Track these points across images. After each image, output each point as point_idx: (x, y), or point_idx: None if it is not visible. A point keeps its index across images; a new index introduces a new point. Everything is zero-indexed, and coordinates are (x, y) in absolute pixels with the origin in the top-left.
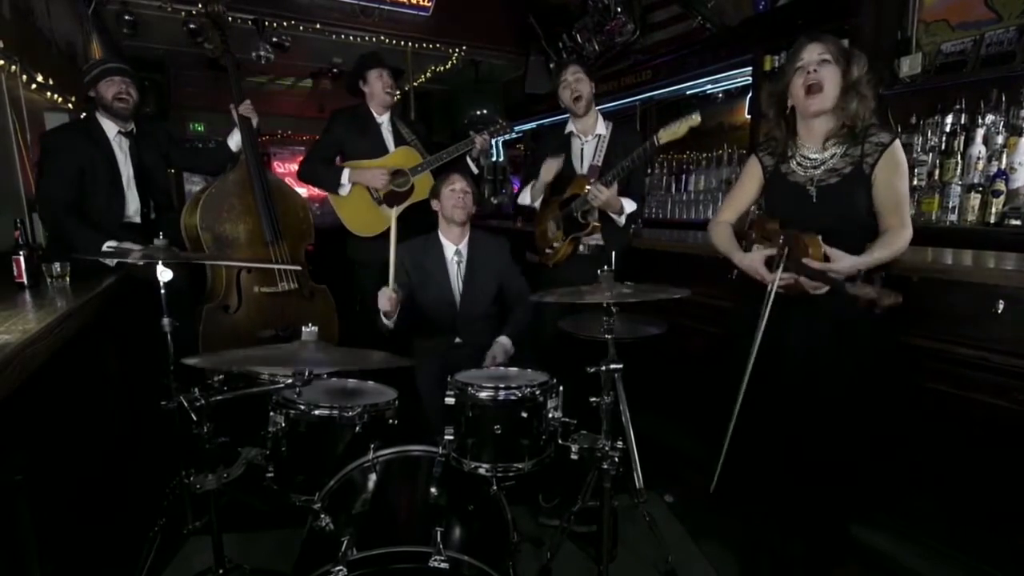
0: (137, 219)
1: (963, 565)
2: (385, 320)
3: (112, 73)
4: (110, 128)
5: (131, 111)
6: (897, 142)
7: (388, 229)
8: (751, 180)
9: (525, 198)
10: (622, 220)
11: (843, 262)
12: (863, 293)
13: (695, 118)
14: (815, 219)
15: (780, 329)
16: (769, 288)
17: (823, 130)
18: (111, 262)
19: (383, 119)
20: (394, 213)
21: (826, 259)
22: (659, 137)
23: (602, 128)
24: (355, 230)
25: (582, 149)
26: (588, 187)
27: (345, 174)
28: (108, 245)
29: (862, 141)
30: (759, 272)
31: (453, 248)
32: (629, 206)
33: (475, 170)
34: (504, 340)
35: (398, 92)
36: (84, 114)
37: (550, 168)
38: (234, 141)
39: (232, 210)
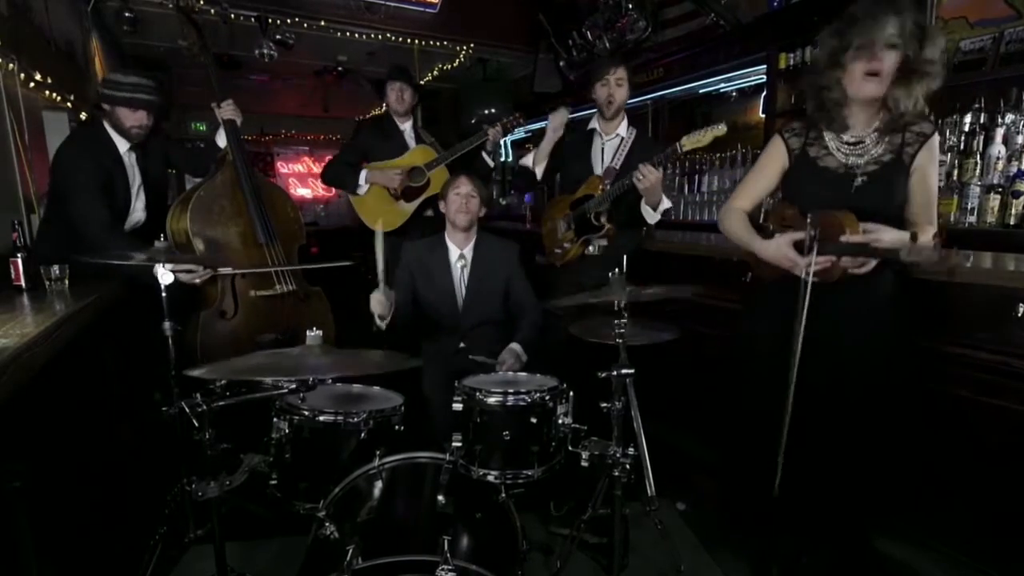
0: (136, 228)
1: (981, 575)
2: (379, 322)
3: (139, 105)
4: (121, 143)
5: (144, 137)
6: (936, 135)
7: (409, 225)
8: (773, 163)
9: (528, 160)
10: (656, 215)
11: (886, 233)
12: (923, 257)
13: (721, 128)
14: (852, 209)
15: (807, 327)
16: (804, 275)
17: (872, 116)
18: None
19: (406, 126)
20: (379, 231)
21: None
22: (682, 144)
23: (624, 131)
24: (373, 226)
25: (603, 148)
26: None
27: (363, 175)
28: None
29: (902, 129)
30: (789, 257)
31: (458, 252)
32: (666, 202)
33: (491, 163)
34: (515, 347)
35: (414, 101)
36: (89, 116)
37: (558, 117)
38: (222, 140)
39: (223, 212)
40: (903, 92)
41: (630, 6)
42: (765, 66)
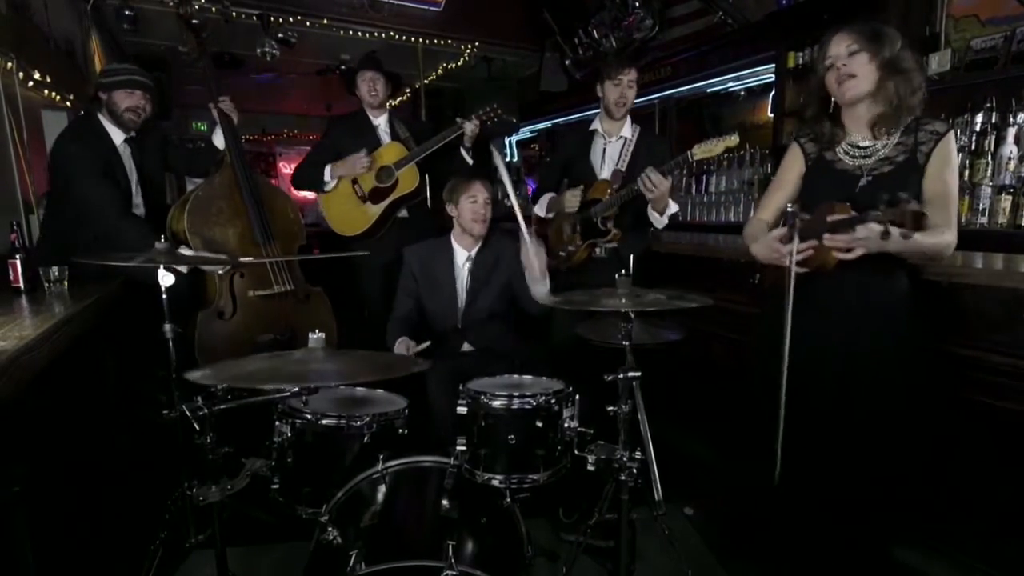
0: None
1: None
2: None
3: (136, 86)
4: (116, 134)
5: (139, 125)
6: (951, 133)
7: (377, 228)
8: (792, 169)
9: (541, 210)
10: (664, 220)
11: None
12: (889, 217)
13: (734, 138)
14: (857, 208)
15: (816, 328)
16: (788, 262)
17: (868, 116)
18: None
19: (379, 121)
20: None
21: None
22: (693, 153)
23: (628, 131)
24: (339, 229)
25: (604, 149)
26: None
27: (327, 170)
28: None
29: (916, 130)
30: (774, 248)
31: (465, 255)
32: (673, 206)
33: (470, 161)
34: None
35: (404, 94)
36: (82, 112)
37: (574, 199)
38: (219, 140)
39: (221, 213)
40: (886, 90)
41: (637, 4)
42: (774, 65)
